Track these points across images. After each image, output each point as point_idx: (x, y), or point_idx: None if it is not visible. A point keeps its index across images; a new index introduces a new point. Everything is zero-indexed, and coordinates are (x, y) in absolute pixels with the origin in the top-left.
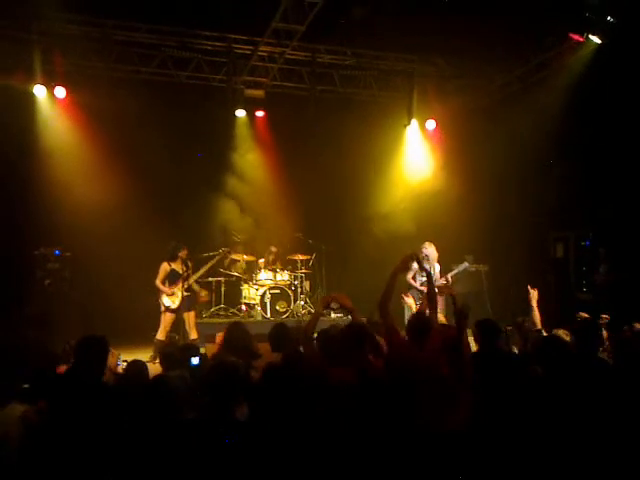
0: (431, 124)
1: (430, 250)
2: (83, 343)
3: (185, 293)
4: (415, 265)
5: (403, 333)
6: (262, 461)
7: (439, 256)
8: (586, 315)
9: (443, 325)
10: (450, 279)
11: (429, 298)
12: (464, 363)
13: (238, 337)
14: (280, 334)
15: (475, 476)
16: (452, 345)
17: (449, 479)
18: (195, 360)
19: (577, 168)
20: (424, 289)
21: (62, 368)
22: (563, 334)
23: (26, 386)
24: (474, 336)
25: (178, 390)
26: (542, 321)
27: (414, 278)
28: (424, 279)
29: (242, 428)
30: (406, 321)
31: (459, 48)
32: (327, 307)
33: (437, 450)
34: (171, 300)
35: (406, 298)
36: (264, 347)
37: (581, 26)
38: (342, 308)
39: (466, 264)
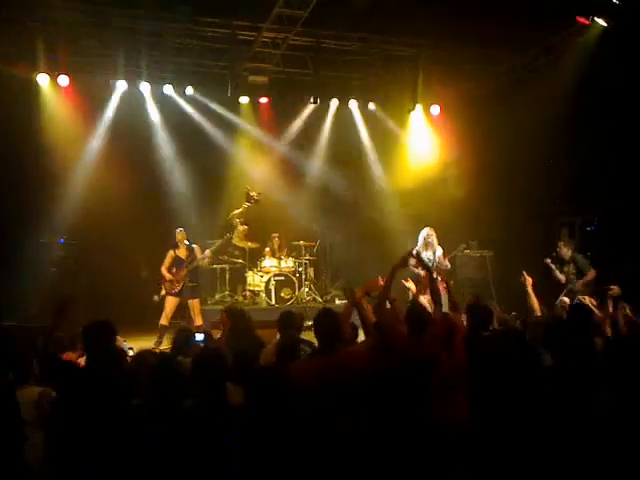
0: (435, 109)
1: (434, 236)
2: (90, 329)
3: (191, 283)
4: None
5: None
6: (258, 453)
7: (444, 241)
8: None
9: (445, 315)
10: (448, 263)
11: (432, 292)
12: (456, 351)
13: (240, 319)
14: (288, 320)
15: (483, 465)
16: (450, 334)
17: (456, 469)
18: (200, 336)
19: (584, 153)
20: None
21: (69, 355)
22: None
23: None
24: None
25: (184, 372)
26: (541, 307)
27: (417, 266)
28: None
29: (237, 416)
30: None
31: (464, 32)
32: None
33: (443, 441)
34: (169, 285)
35: (407, 284)
36: (270, 333)
37: (587, 9)
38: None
39: (463, 245)
